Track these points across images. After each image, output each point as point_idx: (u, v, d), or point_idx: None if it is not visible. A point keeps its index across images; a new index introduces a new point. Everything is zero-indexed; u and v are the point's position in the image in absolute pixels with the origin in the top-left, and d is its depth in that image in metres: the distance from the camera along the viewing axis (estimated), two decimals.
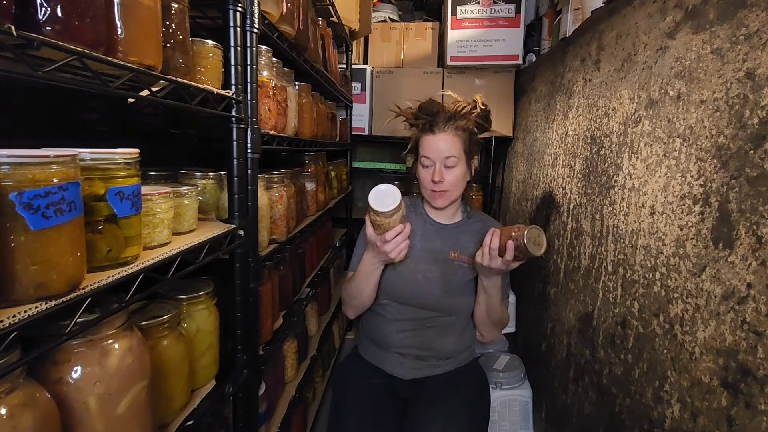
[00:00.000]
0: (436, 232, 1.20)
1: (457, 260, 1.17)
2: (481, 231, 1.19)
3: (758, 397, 0.64)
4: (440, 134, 1.12)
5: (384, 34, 2.59)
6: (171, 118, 1.21)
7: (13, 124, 0.79)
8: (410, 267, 1.16)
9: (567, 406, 1.33)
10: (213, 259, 0.78)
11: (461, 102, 1.16)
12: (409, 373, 1.21)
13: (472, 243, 1.18)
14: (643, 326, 0.95)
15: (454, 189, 1.13)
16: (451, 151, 1.11)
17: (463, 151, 1.13)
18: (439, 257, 1.17)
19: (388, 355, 1.22)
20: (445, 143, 1.11)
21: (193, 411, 0.76)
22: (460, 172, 1.13)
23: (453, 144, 1.11)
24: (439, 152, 1.11)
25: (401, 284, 1.16)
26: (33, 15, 0.43)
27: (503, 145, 2.49)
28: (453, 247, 1.18)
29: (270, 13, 1.02)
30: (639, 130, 1.04)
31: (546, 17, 2.16)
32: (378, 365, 1.24)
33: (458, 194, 1.16)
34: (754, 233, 0.67)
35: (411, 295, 1.16)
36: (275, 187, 1.16)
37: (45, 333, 0.47)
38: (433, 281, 1.15)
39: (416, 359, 1.20)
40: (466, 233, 1.20)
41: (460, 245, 1.18)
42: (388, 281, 1.17)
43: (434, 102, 1.18)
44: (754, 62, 0.70)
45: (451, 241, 1.19)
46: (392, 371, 1.21)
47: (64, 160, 0.45)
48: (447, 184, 1.12)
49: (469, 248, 1.17)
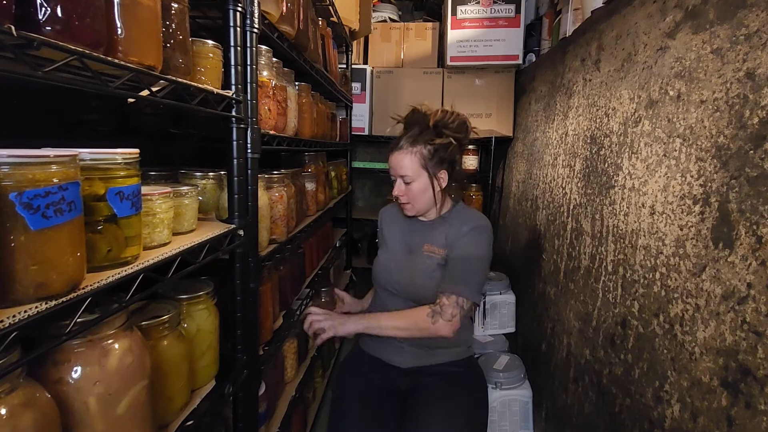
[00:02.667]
0: (417, 228, 1.31)
1: (427, 251, 1.25)
2: (455, 224, 1.26)
3: (758, 397, 0.64)
4: (396, 153, 1.21)
5: (384, 34, 2.59)
6: (171, 118, 1.21)
7: (13, 124, 0.79)
8: (388, 256, 1.32)
9: (567, 406, 1.33)
10: (213, 259, 0.78)
11: (431, 112, 1.23)
12: (407, 361, 1.24)
13: (443, 235, 1.25)
14: (643, 326, 0.95)
15: (415, 202, 1.22)
16: (405, 170, 1.19)
17: (420, 167, 1.19)
18: (414, 249, 1.27)
19: (387, 344, 1.26)
20: (399, 161, 1.20)
21: (193, 411, 0.76)
22: (418, 187, 1.20)
23: (409, 162, 1.19)
24: (396, 169, 1.21)
25: (380, 271, 1.31)
26: (33, 15, 0.43)
27: (503, 145, 2.49)
28: (428, 240, 1.26)
29: (270, 13, 1.02)
30: (639, 130, 1.04)
31: (546, 17, 2.16)
32: (377, 355, 1.28)
33: (424, 205, 1.24)
34: (754, 233, 0.67)
35: (386, 281, 1.29)
36: (275, 187, 1.16)
37: (45, 333, 0.47)
38: (402, 269, 1.27)
39: (414, 347, 1.24)
40: (441, 226, 1.27)
41: (435, 238, 1.26)
42: (374, 268, 1.34)
43: (416, 111, 1.25)
44: (754, 62, 0.70)
45: (427, 236, 1.28)
46: (391, 360, 1.26)
47: (64, 160, 0.45)
48: (406, 198, 1.22)
49: (440, 239, 1.25)
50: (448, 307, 1.13)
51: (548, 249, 1.59)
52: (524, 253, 1.89)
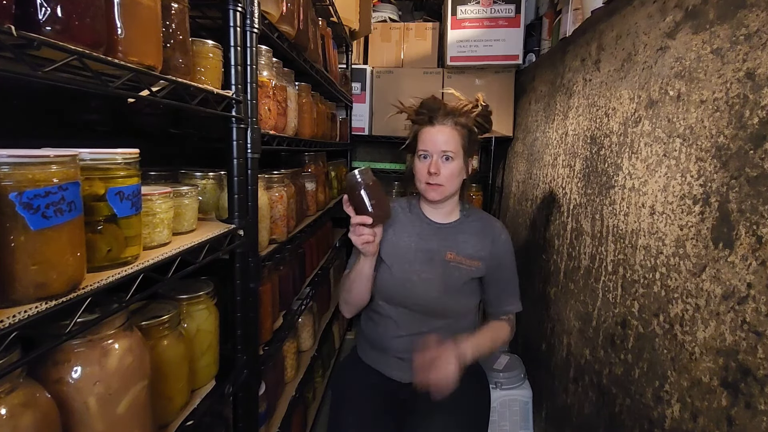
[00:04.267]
0: (433, 232, 1.18)
1: (453, 261, 1.14)
2: (480, 231, 1.18)
3: (758, 397, 0.64)
4: (439, 126, 1.11)
5: (384, 34, 2.59)
6: (171, 118, 1.21)
7: (13, 124, 0.79)
8: (404, 268, 1.14)
9: (567, 406, 1.33)
10: (213, 259, 0.78)
11: (463, 100, 1.16)
12: (408, 376, 1.18)
13: (469, 243, 1.17)
14: (643, 326, 0.95)
15: (448, 184, 1.11)
16: (449, 145, 1.10)
17: (461, 147, 1.12)
18: (435, 258, 1.15)
19: (386, 358, 1.20)
20: (443, 136, 1.10)
21: (193, 411, 0.76)
22: (456, 167, 1.11)
23: (451, 137, 1.10)
24: (437, 144, 1.10)
25: (395, 285, 1.14)
26: (33, 15, 0.43)
27: (503, 145, 2.49)
28: (450, 247, 1.16)
29: (270, 13, 1.02)
30: (639, 130, 1.04)
31: (546, 17, 2.16)
32: (377, 368, 1.23)
33: (453, 190, 1.14)
34: (754, 233, 0.67)
35: (405, 297, 1.14)
36: (275, 187, 1.16)
37: (45, 333, 0.47)
38: (429, 282, 1.13)
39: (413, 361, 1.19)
40: (464, 233, 1.18)
41: (458, 246, 1.17)
42: (382, 282, 1.16)
43: (436, 99, 1.17)
44: (754, 62, 0.70)
45: (449, 242, 1.17)
46: (391, 374, 1.20)
47: (64, 160, 0.45)
48: (442, 177, 1.10)
49: (467, 249, 1.16)
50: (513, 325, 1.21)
51: (548, 249, 1.59)
52: (524, 253, 1.89)
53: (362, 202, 1.03)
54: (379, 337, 1.21)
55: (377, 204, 1.02)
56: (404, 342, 1.17)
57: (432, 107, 1.14)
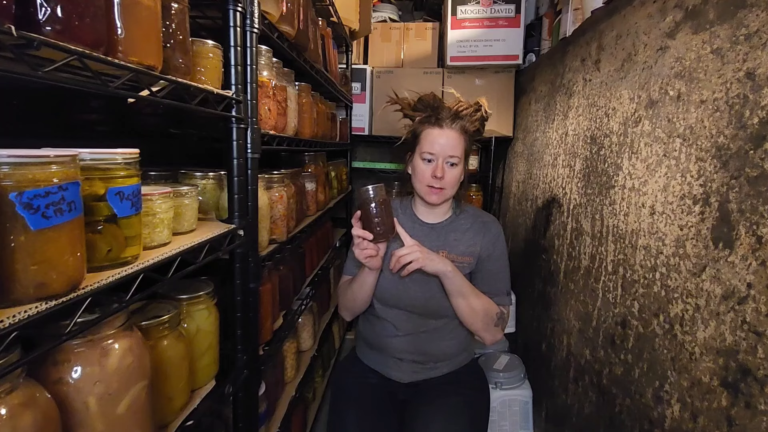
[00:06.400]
0: (424, 233, 1.18)
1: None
2: (471, 226, 1.18)
3: (758, 397, 0.64)
4: (447, 130, 1.10)
5: (384, 34, 2.58)
6: (171, 118, 1.20)
7: (13, 124, 0.79)
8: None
9: (567, 406, 1.33)
10: (213, 259, 0.78)
11: (463, 102, 1.15)
12: (407, 376, 1.20)
13: (461, 241, 1.16)
14: (643, 326, 0.95)
15: (451, 188, 1.13)
16: (456, 150, 1.10)
17: (464, 152, 1.13)
18: None
19: (385, 359, 1.21)
20: (450, 140, 1.09)
21: (193, 411, 0.76)
22: (459, 172, 1.13)
23: (458, 143, 1.10)
24: (444, 149, 1.09)
25: (388, 286, 1.15)
26: (33, 15, 0.43)
27: (503, 145, 2.49)
28: (442, 246, 1.16)
29: (270, 13, 1.02)
30: (639, 130, 1.04)
31: (546, 17, 2.16)
32: (376, 368, 1.23)
33: (453, 193, 1.16)
34: (754, 233, 0.67)
35: (398, 298, 1.15)
36: (275, 187, 1.16)
37: (45, 333, 0.47)
38: (420, 283, 1.13)
39: (413, 363, 1.19)
40: (456, 231, 1.18)
41: (449, 244, 1.16)
42: (377, 285, 1.16)
43: (436, 97, 1.16)
44: (754, 62, 0.70)
45: (440, 241, 1.17)
46: (390, 374, 1.21)
47: (64, 160, 0.45)
48: (446, 182, 1.10)
49: (459, 246, 1.16)
50: (507, 318, 1.17)
51: (548, 249, 1.59)
52: (524, 252, 1.89)
53: (368, 218, 1.03)
54: (377, 337, 1.21)
55: (381, 222, 1.03)
56: (402, 342, 1.18)
57: (435, 106, 1.14)
